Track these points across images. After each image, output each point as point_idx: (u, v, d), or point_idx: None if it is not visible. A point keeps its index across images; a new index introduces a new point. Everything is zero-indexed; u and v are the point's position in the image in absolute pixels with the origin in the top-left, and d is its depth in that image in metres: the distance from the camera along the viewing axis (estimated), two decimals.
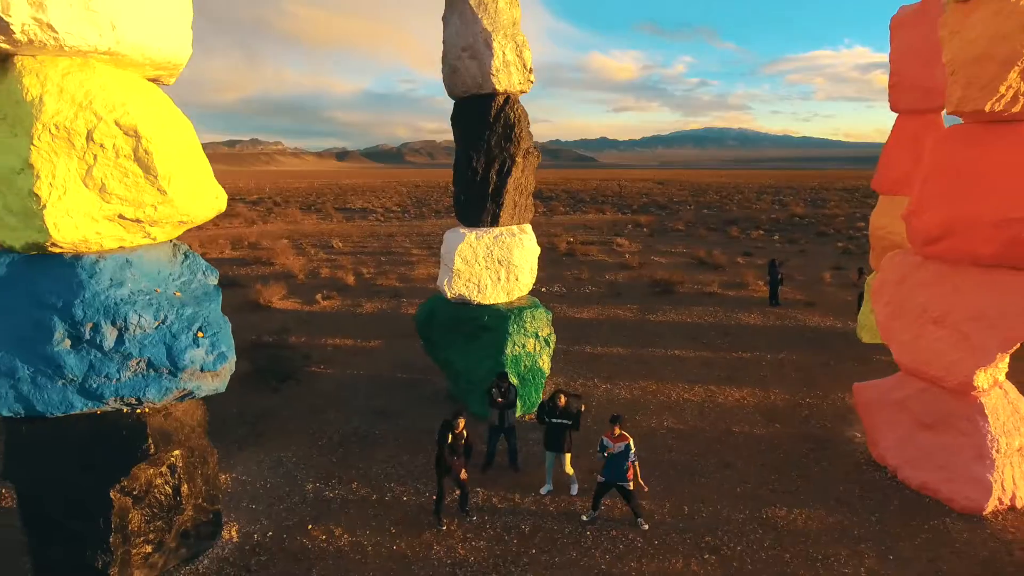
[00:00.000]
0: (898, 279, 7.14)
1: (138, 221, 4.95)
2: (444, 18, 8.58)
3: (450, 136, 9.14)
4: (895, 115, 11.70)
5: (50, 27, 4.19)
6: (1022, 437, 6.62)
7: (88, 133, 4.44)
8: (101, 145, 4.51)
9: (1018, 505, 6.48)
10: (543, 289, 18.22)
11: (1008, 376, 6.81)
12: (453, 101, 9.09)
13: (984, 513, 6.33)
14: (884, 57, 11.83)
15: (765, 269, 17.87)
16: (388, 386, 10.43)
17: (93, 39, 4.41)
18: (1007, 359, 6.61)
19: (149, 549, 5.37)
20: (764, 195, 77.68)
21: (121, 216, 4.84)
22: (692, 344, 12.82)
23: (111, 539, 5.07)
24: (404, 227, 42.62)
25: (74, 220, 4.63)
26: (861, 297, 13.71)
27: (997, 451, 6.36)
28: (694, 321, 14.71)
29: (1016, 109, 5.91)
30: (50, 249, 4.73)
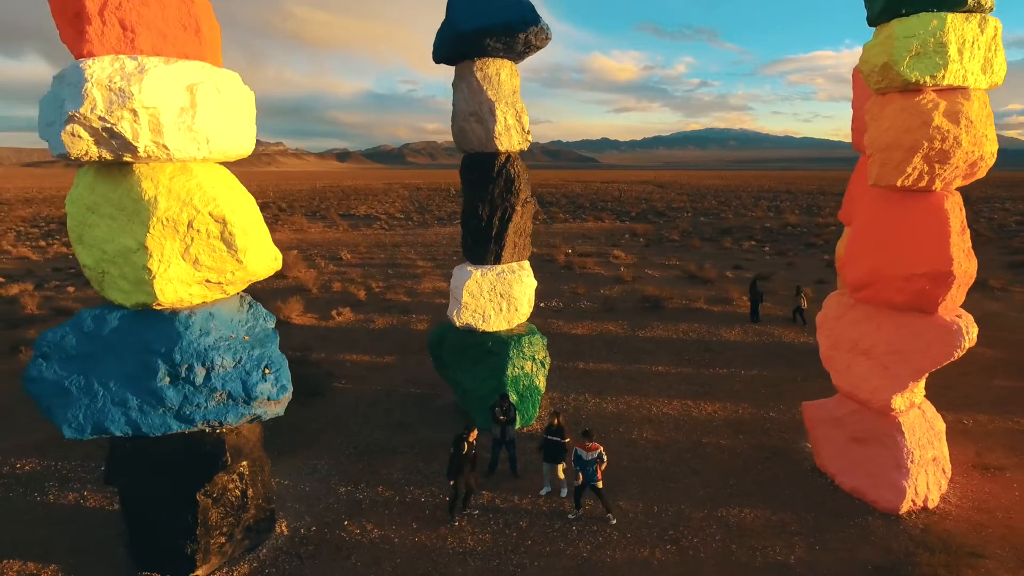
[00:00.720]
0: (836, 316, 8.49)
1: (219, 283, 6.34)
2: (454, 84, 9.95)
3: (451, 137, 10.36)
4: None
5: (164, 146, 5.57)
6: (935, 449, 7.98)
7: (189, 222, 5.82)
8: (197, 230, 5.89)
9: (929, 506, 7.82)
10: (542, 304, 19.58)
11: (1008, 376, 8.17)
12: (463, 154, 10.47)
13: (900, 513, 7.68)
14: None
15: (753, 280, 19.15)
16: (403, 400, 11.80)
17: (193, 151, 5.79)
18: (922, 385, 7.97)
19: (223, 540, 6.76)
20: (761, 200, 78.91)
21: (207, 280, 6.22)
22: (675, 360, 14.18)
23: (197, 531, 6.45)
24: (409, 236, 43.99)
25: (173, 286, 6.01)
26: (796, 311, 17.19)
27: (912, 462, 7.71)
28: (679, 337, 16.06)
29: (922, 184, 7.26)
30: (154, 307, 6.12)
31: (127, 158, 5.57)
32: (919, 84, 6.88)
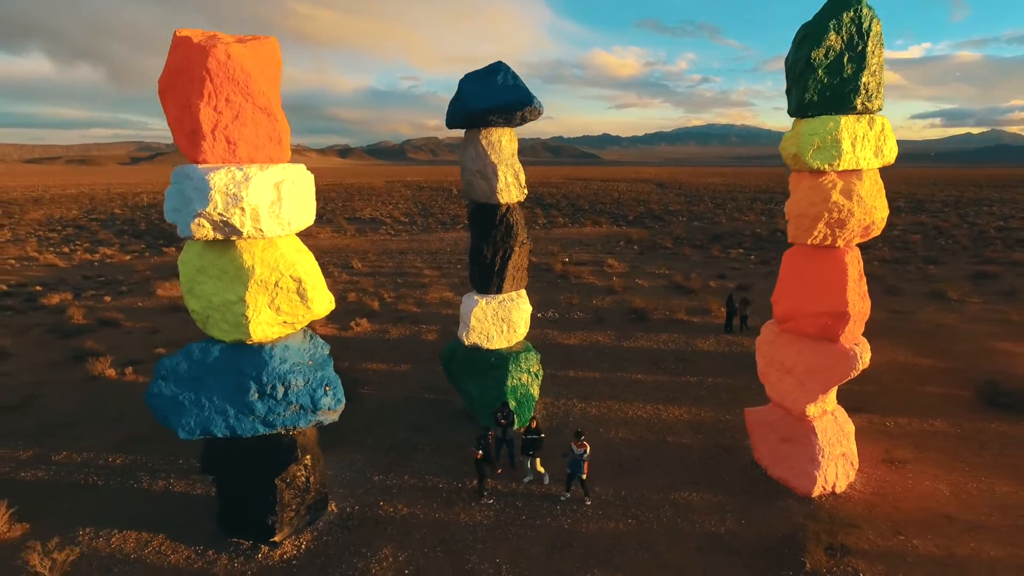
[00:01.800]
0: (769, 341, 10.63)
1: (292, 323, 8.50)
2: (462, 147, 12.07)
3: (452, 133, 12.38)
4: (900, 113, 14.91)
5: (260, 230, 7.73)
6: (843, 447, 10.14)
7: (275, 282, 7.99)
8: (281, 287, 8.06)
9: (837, 491, 9.98)
10: (539, 315, 21.73)
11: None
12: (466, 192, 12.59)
13: (813, 496, 9.84)
14: (887, 54, 14.39)
15: (731, 294, 21.18)
16: (419, 405, 13.99)
17: (278, 231, 7.95)
18: (832, 395, 10.13)
19: (292, 515, 8.95)
20: (756, 202, 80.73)
21: (284, 322, 8.39)
22: (652, 369, 16.34)
23: (275, 508, 8.64)
24: (414, 242, 46.07)
25: (262, 327, 8.18)
26: (741, 319, 19.78)
27: (823, 456, 9.87)
28: (658, 347, 18.21)
29: (827, 243, 9.39)
30: (247, 342, 8.29)
31: (233, 237, 7.73)
32: (822, 169, 9.01)
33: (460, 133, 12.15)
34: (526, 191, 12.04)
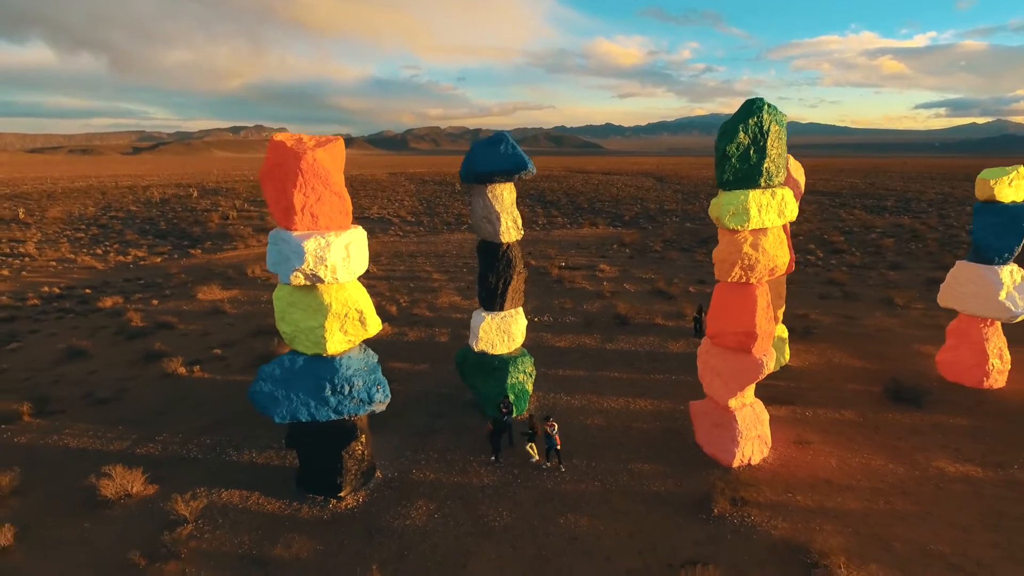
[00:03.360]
0: (705, 351, 14.02)
1: (353, 341, 11.92)
2: (472, 197, 15.37)
3: (453, 122, 16.32)
4: (904, 103, 18.08)
5: (336, 279, 11.14)
6: (759, 430, 13.56)
7: (345, 314, 11.40)
8: (348, 317, 11.47)
9: (753, 463, 13.40)
10: (535, 319, 25.13)
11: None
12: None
13: (733, 466, 13.26)
14: (892, 43, 17.68)
15: (700, 304, 24.56)
16: (437, 398, 17.44)
17: (347, 277, 11.36)
18: (750, 392, 13.51)
19: (352, 478, 12.43)
20: None
21: (349, 340, 11.82)
22: (628, 368, 19.75)
23: (341, 472, 12.11)
24: (422, 244, 49.40)
25: (334, 345, 11.60)
26: (697, 326, 22.69)
27: (742, 437, 13.27)
28: (636, 349, 21.62)
29: (743, 280, 12.74)
30: (323, 355, 11.73)
31: (316, 282, 11.14)
32: (736, 229, 12.34)
33: (462, 124, 15.68)
34: (522, 232, 15.37)
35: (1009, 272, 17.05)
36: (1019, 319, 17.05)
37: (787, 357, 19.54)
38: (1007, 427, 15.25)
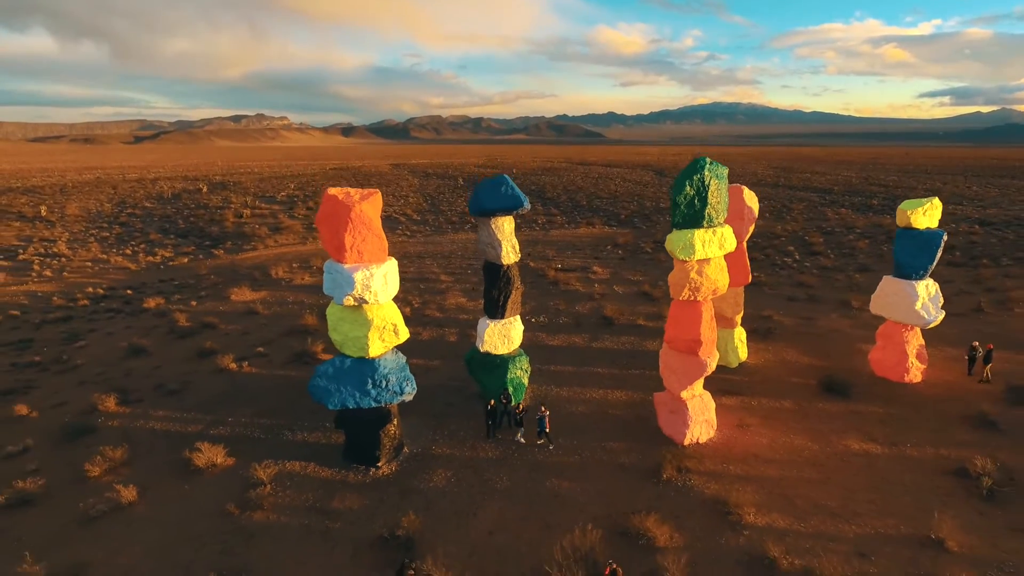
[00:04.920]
0: (665, 352, 17.57)
1: (388, 346, 15.51)
2: (479, 227, 18.81)
3: (455, 111, 19.81)
4: (908, 92, 21.49)
5: (377, 300, 14.72)
6: (706, 416, 17.14)
7: (383, 327, 14.98)
8: (385, 329, 15.05)
9: (700, 442, 16.99)
10: (532, 320, 28.68)
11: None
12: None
13: (684, 444, 16.87)
14: (896, 31, 19.99)
15: None
16: (449, 389, 21.04)
17: (386, 299, 14.94)
18: (698, 384, 17.07)
19: (387, 452, 16.07)
20: None
21: (385, 346, 15.40)
22: (610, 364, 23.33)
23: (379, 447, 15.76)
24: (429, 245, 52.87)
25: (375, 349, 15.19)
26: None
27: (692, 421, 16.86)
28: (618, 348, 25.18)
29: (691, 299, 16.26)
30: (366, 357, 15.32)
31: (362, 304, 14.70)
32: (685, 260, 15.84)
33: (463, 113, 19.22)
34: (519, 255, 18.87)
35: (924, 286, 20.54)
36: (933, 325, 20.60)
37: (744, 355, 23.13)
38: (912, 414, 18.83)
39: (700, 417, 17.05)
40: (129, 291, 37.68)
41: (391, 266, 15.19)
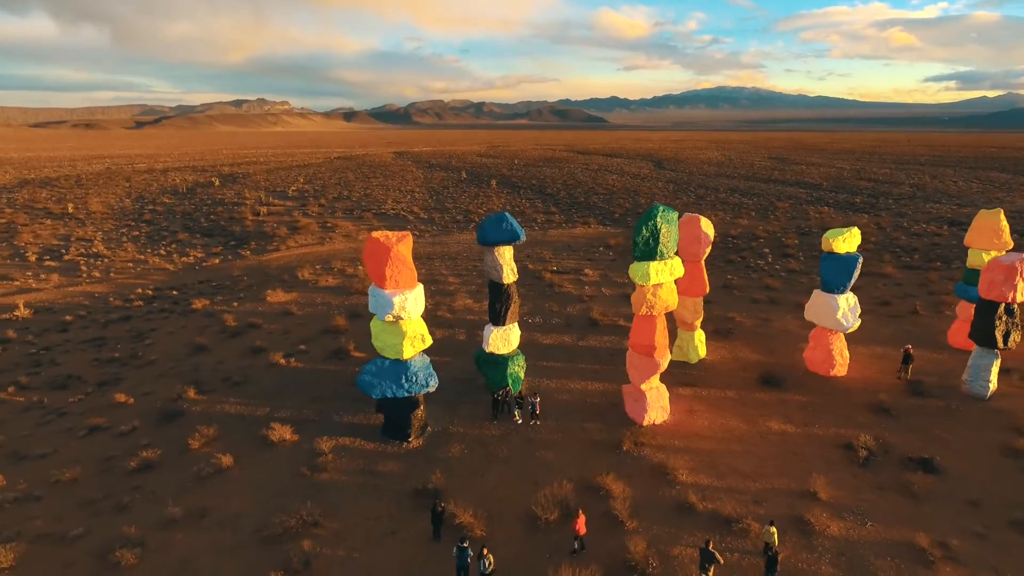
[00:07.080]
0: (630, 354, 22.52)
1: (416, 349, 20.52)
2: (485, 255, 23.67)
3: (457, 96, 25.20)
4: (913, 76, 26.14)
5: (410, 316, 19.70)
6: (661, 403, 22.16)
7: (414, 336, 19.97)
8: (417, 338, 20.05)
9: (656, 423, 22.02)
10: (529, 320, 33.63)
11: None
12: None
13: (643, 424, 21.89)
14: (902, 14, 23.39)
15: None
16: (459, 381, 26.07)
17: (415, 316, 19.92)
18: (655, 379, 22.05)
19: (416, 430, 21.17)
20: (734, 194, 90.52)
21: (415, 350, 20.41)
22: (592, 360, 28.31)
23: (410, 427, 20.85)
24: (436, 245, 57.63)
25: (408, 353, 20.20)
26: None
27: (649, 407, 21.87)
28: (600, 346, 30.14)
29: (649, 314, 21.16)
30: (401, 359, 20.33)
31: (399, 320, 19.68)
32: (643, 285, 20.73)
33: (465, 98, 25.01)
34: (517, 276, 23.75)
35: (845, 299, 25.41)
36: (851, 330, 25.51)
37: (703, 353, 28.10)
38: (829, 402, 23.82)
39: (656, 404, 22.06)
40: (174, 292, 42.65)
41: (419, 291, 20.12)
